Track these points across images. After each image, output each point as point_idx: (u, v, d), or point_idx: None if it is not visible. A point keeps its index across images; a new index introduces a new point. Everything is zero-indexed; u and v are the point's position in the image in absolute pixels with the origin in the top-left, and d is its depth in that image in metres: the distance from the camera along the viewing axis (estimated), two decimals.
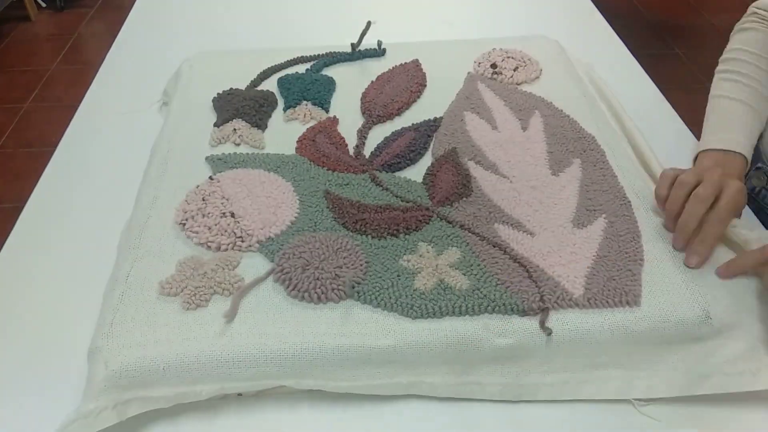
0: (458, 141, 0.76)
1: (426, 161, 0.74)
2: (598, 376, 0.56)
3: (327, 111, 0.83)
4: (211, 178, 0.70)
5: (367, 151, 0.76)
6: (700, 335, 0.56)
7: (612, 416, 0.56)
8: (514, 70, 0.89)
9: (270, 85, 0.88)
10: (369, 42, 0.95)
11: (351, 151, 0.76)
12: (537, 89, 0.86)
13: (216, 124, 0.79)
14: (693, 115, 0.82)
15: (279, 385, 0.54)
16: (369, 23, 0.93)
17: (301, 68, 0.91)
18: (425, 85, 0.88)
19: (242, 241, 0.62)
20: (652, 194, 0.68)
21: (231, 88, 0.85)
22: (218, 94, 0.84)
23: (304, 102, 0.83)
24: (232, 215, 0.65)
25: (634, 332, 0.56)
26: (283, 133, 0.79)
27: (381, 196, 0.68)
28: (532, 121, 0.79)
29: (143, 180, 0.73)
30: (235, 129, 0.77)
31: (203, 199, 0.66)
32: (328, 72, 0.91)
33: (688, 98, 0.86)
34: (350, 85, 0.88)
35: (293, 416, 0.55)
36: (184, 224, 0.64)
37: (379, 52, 0.95)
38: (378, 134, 0.79)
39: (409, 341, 0.55)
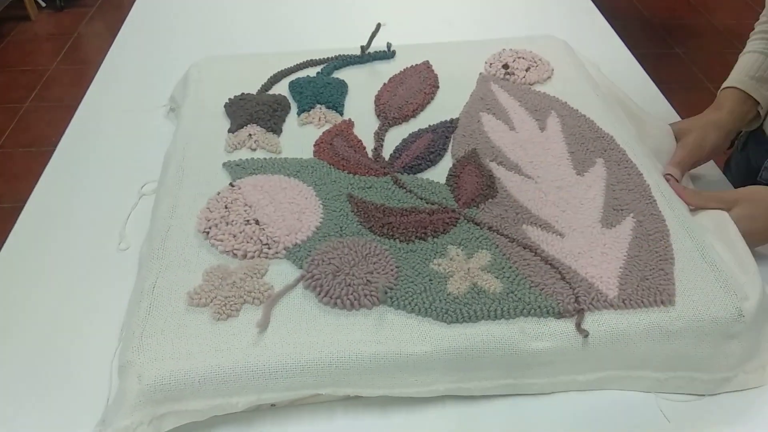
0: (477, 142, 0.75)
1: (445, 163, 0.74)
2: (631, 375, 0.57)
3: (341, 114, 0.82)
4: (231, 184, 0.68)
5: (386, 154, 0.75)
6: (732, 333, 0.56)
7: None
8: (526, 71, 0.89)
9: (281, 89, 0.87)
10: (377, 44, 0.94)
11: (369, 154, 0.75)
12: (550, 89, 0.86)
13: (230, 130, 0.78)
14: (693, 115, 0.82)
15: (315, 393, 0.54)
16: (379, 25, 0.92)
17: (311, 71, 0.90)
18: (438, 87, 0.87)
19: (269, 248, 0.61)
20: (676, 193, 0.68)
21: (243, 93, 0.84)
22: (230, 99, 0.83)
23: (318, 105, 0.82)
24: (257, 222, 0.63)
25: (669, 332, 0.55)
26: (299, 137, 0.78)
27: (405, 199, 0.67)
28: (549, 121, 0.78)
29: (159, 188, 0.72)
30: (250, 134, 0.76)
31: (226, 207, 0.65)
32: (338, 75, 0.90)
33: (688, 98, 0.87)
34: (362, 87, 0.87)
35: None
36: (208, 232, 0.63)
37: (388, 54, 0.94)
38: (395, 136, 0.78)
39: (446, 347, 0.54)
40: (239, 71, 0.90)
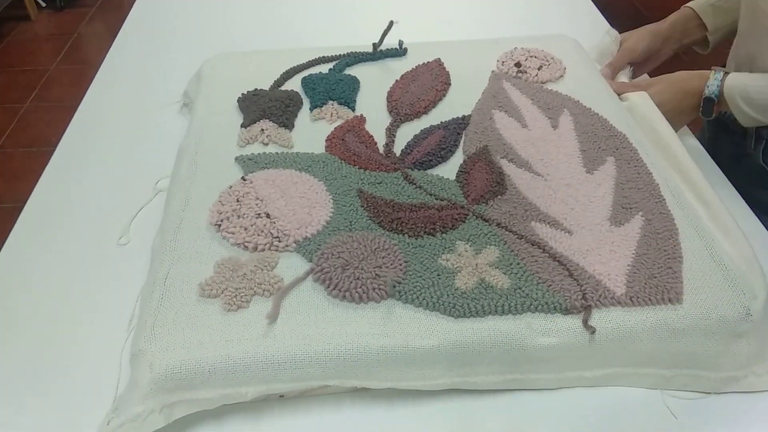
0: (489, 139, 0.76)
1: (457, 159, 0.74)
2: (638, 372, 0.57)
3: (353, 110, 0.83)
4: (243, 178, 0.69)
5: (397, 150, 0.75)
6: (740, 331, 0.56)
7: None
8: (539, 69, 0.89)
9: (293, 85, 0.88)
10: (388, 42, 0.94)
11: (380, 150, 0.75)
12: (562, 88, 0.86)
13: (243, 125, 0.78)
14: None
15: (323, 385, 0.54)
16: (391, 23, 0.93)
17: (323, 68, 0.91)
18: (450, 84, 0.88)
19: (279, 242, 0.62)
20: (687, 191, 0.68)
21: (255, 89, 0.85)
22: (243, 94, 0.84)
23: (330, 101, 0.83)
24: (268, 216, 0.64)
25: (676, 329, 0.56)
26: (311, 132, 0.79)
27: (415, 195, 0.68)
28: (562, 119, 0.78)
29: (172, 182, 0.73)
30: (262, 129, 0.77)
31: (237, 200, 0.66)
32: (350, 71, 0.91)
33: None
34: (374, 84, 0.88)
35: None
36: (219, 225, 0.64)
37: (400, 51, 0.94)
38: (406, 132, 0.78)
39: (453, 341, 0.54)
40: (252, 67, 0.91)
